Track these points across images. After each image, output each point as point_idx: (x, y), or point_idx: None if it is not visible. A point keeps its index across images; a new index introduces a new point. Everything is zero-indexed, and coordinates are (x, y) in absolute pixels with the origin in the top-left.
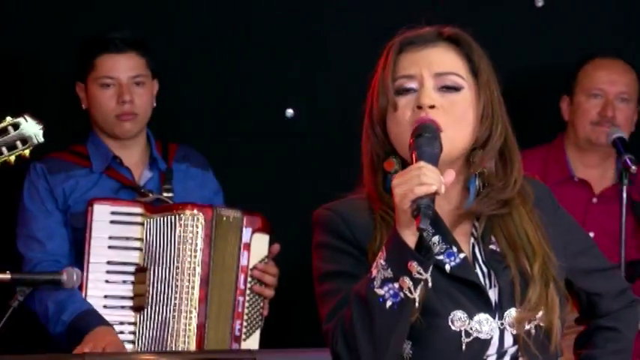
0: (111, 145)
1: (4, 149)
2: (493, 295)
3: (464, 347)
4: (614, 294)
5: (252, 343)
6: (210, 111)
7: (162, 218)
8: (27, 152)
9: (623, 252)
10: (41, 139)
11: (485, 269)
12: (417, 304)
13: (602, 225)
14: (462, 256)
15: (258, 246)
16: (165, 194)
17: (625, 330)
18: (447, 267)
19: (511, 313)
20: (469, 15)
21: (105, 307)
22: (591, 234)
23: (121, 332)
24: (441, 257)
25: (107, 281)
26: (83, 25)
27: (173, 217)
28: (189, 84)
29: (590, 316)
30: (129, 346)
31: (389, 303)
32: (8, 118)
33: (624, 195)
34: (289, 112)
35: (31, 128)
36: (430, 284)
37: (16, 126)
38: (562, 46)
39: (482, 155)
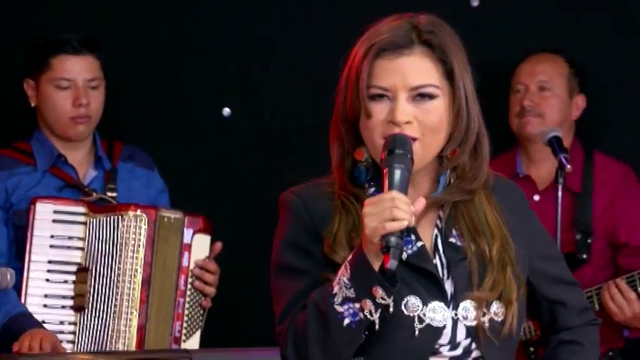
0: (56, 143)
1: None
2: (449, 286)
3: (416, 333)
4: (577, 309)
5: (193, 344)
6: (148, 109)
7: (105, 218)
8: None
9: (558, 241)
10: None
11: (444, 260)
12: (377, 327)
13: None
14: (419, 244)
15: (199, 247)
16: (109, 194)
17: (589, 345)
18: (404, 254)
19: (466, 305)
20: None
21: (45, 306)
22: None
23: (61, 332)
24: None
25: (48, 280)
26: (24, 23)
27: (116, 217)
28: (126, 82)
29: (551, 331)
30: (68, 347)
31: (347, 321)
32: None
33: (559, 194)
34: (226, 110)
35: None
36: (392, 309)
37: None
38: (497, 46)
39: (458, 153)
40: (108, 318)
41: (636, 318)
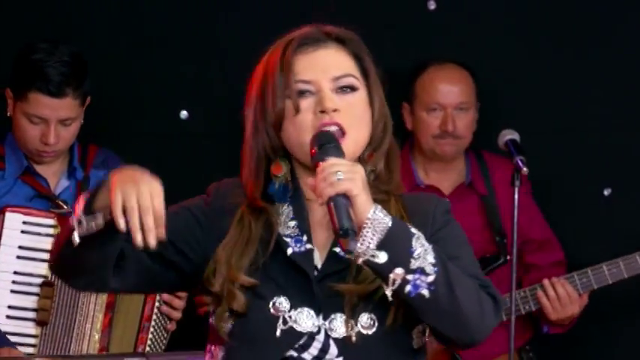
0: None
1: None
2: (322, 295)
3: (278, 332)
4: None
5: None
6: (105, 112)
7: None
8: None
9: (515, 250)
10: None
11: (325, 269)
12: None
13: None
14: (308, 246)
15: None
16: None
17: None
18: (289, 250)
19: (337, 317)
20: (360, 16)
21: (8, 317)
22: None
23: (20, 344)
24: (288, 240)
25: (12, 291)
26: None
27: None
28: None
29: None
30: None
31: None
32: None
33: (516, 196)
34: (183, 113)
35: None
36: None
37: None
38: (454, 49)
39: (374, 157)
40: (69, 338)
41: (573, 315)
